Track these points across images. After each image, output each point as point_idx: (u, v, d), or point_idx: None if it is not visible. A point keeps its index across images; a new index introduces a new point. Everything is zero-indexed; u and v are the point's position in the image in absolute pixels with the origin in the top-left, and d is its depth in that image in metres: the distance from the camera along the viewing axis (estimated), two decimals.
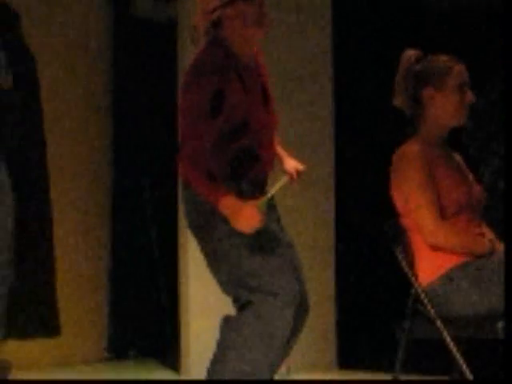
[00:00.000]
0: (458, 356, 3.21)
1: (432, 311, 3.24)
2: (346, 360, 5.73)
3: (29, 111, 4.25)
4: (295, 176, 3.64)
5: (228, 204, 3.35)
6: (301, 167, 3.66)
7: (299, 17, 5.86)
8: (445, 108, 3.45)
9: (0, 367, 4.16)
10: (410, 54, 3.52)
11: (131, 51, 6.07)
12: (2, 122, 4.01)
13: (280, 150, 3.74)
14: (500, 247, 3.38)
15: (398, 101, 3.53)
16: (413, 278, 3.32)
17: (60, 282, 4.33)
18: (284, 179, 3.42)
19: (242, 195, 3.47)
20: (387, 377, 3.42)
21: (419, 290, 3.29)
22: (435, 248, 3.33)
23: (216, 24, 3.69)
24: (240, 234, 3.49)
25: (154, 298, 6.05)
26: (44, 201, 4.43)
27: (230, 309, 3.75)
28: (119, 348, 6.23)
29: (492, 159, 4.78)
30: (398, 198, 3.41)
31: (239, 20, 3.66)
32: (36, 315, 4.25)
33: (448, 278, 3.28)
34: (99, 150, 6.03)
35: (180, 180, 3.72)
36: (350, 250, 5.85)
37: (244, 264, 3.52)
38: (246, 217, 3.34)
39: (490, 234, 3.48)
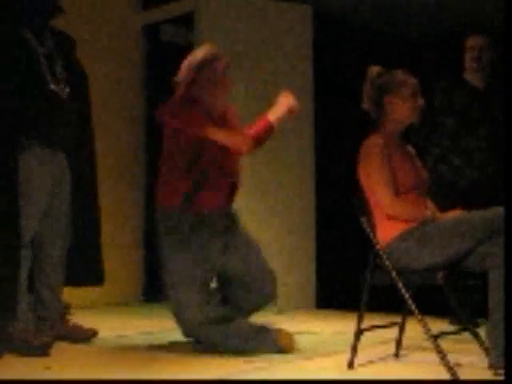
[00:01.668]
0: (407, 298, 3.24)
1: (388, 264, 3.26)
2: (323, 302, 5.78)
3: (82, 117, 4.21)
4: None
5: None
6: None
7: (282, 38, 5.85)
8: (401, 111, 3.47)
9: (64, 306, 4.18)
10: (374, 69, 3.54)
11: (158, 68, 6.04)
12: (62, 124, 4.01)
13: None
14: (440, 216, 3.39)
15: (365, 105, 3.55)
16: (374, 240, 3.34)
17: (105, 241, 4.33)
18: None
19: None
20: (354, 314, 3.42)
21: (378, 249, 3.31)
22: (391, 217, 3.33)
23: (191, 83, 3.79)
24: (172, 247, 3.64)
25: None
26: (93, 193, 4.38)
27: None
28: (151, 293, 6.27)
29: (432, 148, 4.79)
30: (363, 178, 3.42)
31: (210, 83, 3.79)
32: (86, 267, 4.23)
33: (400, 239, 3.29)
34: (132, 151, 5.97)
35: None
36: (328, 222, 5.87)
37: (166, 276, 3.71)
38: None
39: (432, 206, 3.50)
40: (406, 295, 3.23)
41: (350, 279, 4.02)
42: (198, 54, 3.88)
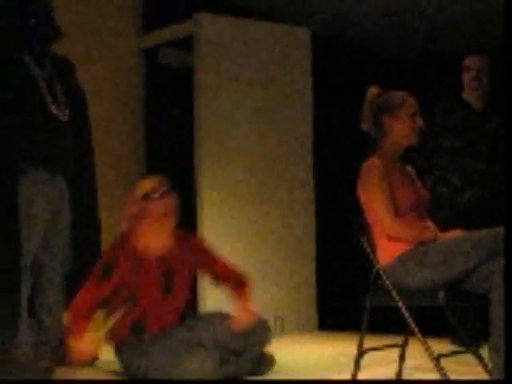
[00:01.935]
0: (409, 319, 3.22)
1: (389, 285, 3.25)
2: (324, 323, 5.77)
3: (81, 138, 4.22)
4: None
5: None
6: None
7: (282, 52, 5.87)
8: (400, 132, 3.45)
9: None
10: (373, 90, 3.53)
11: (158, 91, 6.04)
12: (62, 148, 4.02)
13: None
14: (440, 236, 3.38)
15: (364, 126, 3.53)
16: (374, 260, 3.33)
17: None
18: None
19: None
20: (356, 336, 3.41)
21: (379, 270, 3.30)
22: (391, 238, 3.32)
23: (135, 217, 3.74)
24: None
25: None
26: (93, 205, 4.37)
27: None
28: None
29: (432, 169, 4.78)
30: (363, 199, 3.41)
31: (147, 217, 3.73)
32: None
33: (400, 260, 3.27)
34: (132, 173, 5.97)
35: None
36: (328, 245, 5.87)
37: None
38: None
39: (433, 226, 3.48)
40: (408, 316, 3.22)
41: (352, 299, 4.01)
42: (139, 188, 3.81)
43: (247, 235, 5.59)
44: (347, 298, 4.92)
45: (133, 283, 3.71)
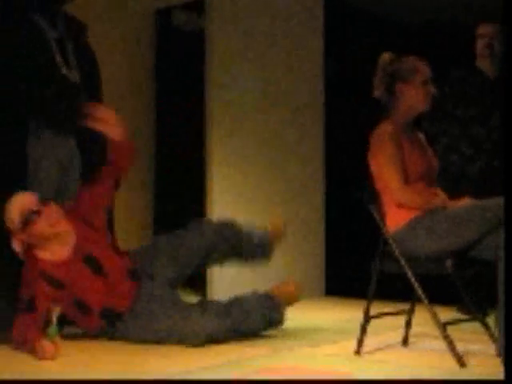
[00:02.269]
0: (416, 286, 3.24)
1: (397, 252, 3.26)
2: (331, 289, 5.79)
3: (93, 99, 4.20)
4: None
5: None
6: None
7: (293, 26, 5.83)
8: (412, 98, 3.44)
9: None
10: (386, 56, 3.52)
11: (170, 54, 6.02)
12: (71, 106, 4.00)
13: None
14: (449, 204, 3.38)
15: (377, 93, 3.52)
16: (383, 227, 3.33)
17: None
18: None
19: None
20: (363, 302, 3.43)
21: (387, 236, 3.31)
22: (400, 205, 3.33)
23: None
24: None
25: None
26: None
27: None
28: None
29: (442, 137, 4.77)
30: (373, 166, 3.41)
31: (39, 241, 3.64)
32: None
33: (409, 227, 3.29)
34: (142, 138, 5.95)
35: None
36: (339, 208, 5.87)
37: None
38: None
39: (442, 194, 3.47)
40: (415, 283, 3.24)
41: (359, 266, 4.02)
42: (13, 215, 3.65)
43: (257, 204, 5.59)
44: (354, 265, 4.94)
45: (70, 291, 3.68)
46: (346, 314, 4.73)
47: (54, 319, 3.42)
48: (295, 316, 3.94)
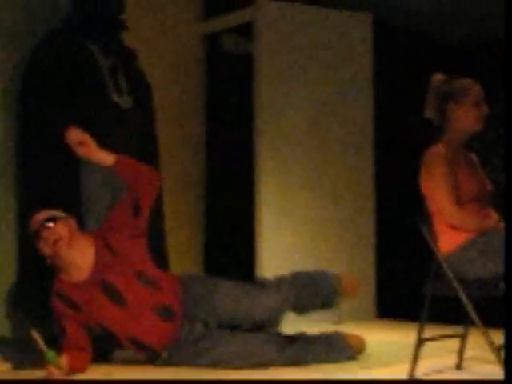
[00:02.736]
0: (469, 309, 3.21)
1: (450, 274, 3.23)
2: (383, 311, 5.74)
3: (145, 126, 4.25)
4: None
5: None
6: None
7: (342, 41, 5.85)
8: (464, 119, 3.44)
9: None
10: (438, 76, 3.52)
11: (219, 77, 6.06)
12: (124, 134, 4.06)
13: None
14: (502, 226, 3.34)
15: (428, 113, 3.52)
16: (435, 249, 3.31)
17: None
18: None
19: None
20: (415, 324, 3.39)
21: (440, 259, 3.28)
22: (453, 227, 3.32)
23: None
24: None
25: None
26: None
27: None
28: None
29: (494, 159, 4.73)
30: (425, 188, 3.39)
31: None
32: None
33: (462, 249, 3.27)
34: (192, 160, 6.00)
35: None
36: (390, 229, 5.83)
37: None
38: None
39: (495, 216, 3.45)
40: (469, 306, 3.21)
41: (411, 289, 3.99)
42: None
43: (305, 222, 5.60)
44: (406, 287, 4.89)
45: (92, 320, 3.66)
46: (398, 337, 4.69)
47: (42, 345, 3.34)
48: None
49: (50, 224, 3.61)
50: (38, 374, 3.45)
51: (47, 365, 3.36)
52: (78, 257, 3.62)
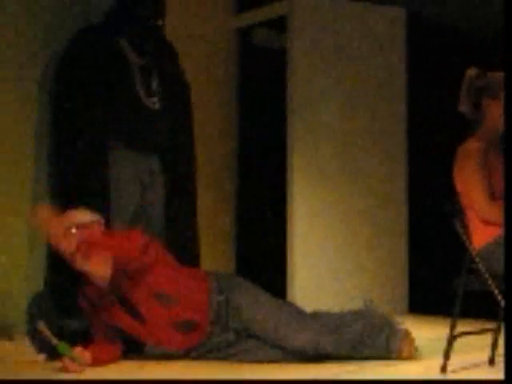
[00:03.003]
0: (503, 304, 3.18)
1: (483, 269, 3.22)
2: (415, 306, 5.73)
3: (180, 125, 4.26)
4: None
5: None
6: None
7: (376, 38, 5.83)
8: (500, 114, 3.41)
9: None
10: (473, 71, 3.52)
11: (252, 71, 6.07)
12: (153, 132, 4.08)
13: None
14: None
15: (462, 108, 3.51)
16: (468, 244, 3.30)
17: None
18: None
19: None
20: (447, 319, 3.39)
21: (473, 253, 3.28)
22: (486, 221, 3.32)
23: None
24: None
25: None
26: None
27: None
28: None
29: None
30: (459, 182, 3.40)
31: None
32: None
33: (495, 243, 3.26)
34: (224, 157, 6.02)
35: None
36: (423, 224, 5.81)
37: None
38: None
39: None
40: (502, 301, 3.19)
41: (443, 283, 3.98)
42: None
43: (337, 216, 5.60)
44: (438, 282, 4.88)
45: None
46: (430, 333, 4.66)
47: (50, 336, 3.35)
48: None
49: (73, 230, 3.51)
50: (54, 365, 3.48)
51: (62, 357, 3.39)
52: (95, 270, 3.46)
